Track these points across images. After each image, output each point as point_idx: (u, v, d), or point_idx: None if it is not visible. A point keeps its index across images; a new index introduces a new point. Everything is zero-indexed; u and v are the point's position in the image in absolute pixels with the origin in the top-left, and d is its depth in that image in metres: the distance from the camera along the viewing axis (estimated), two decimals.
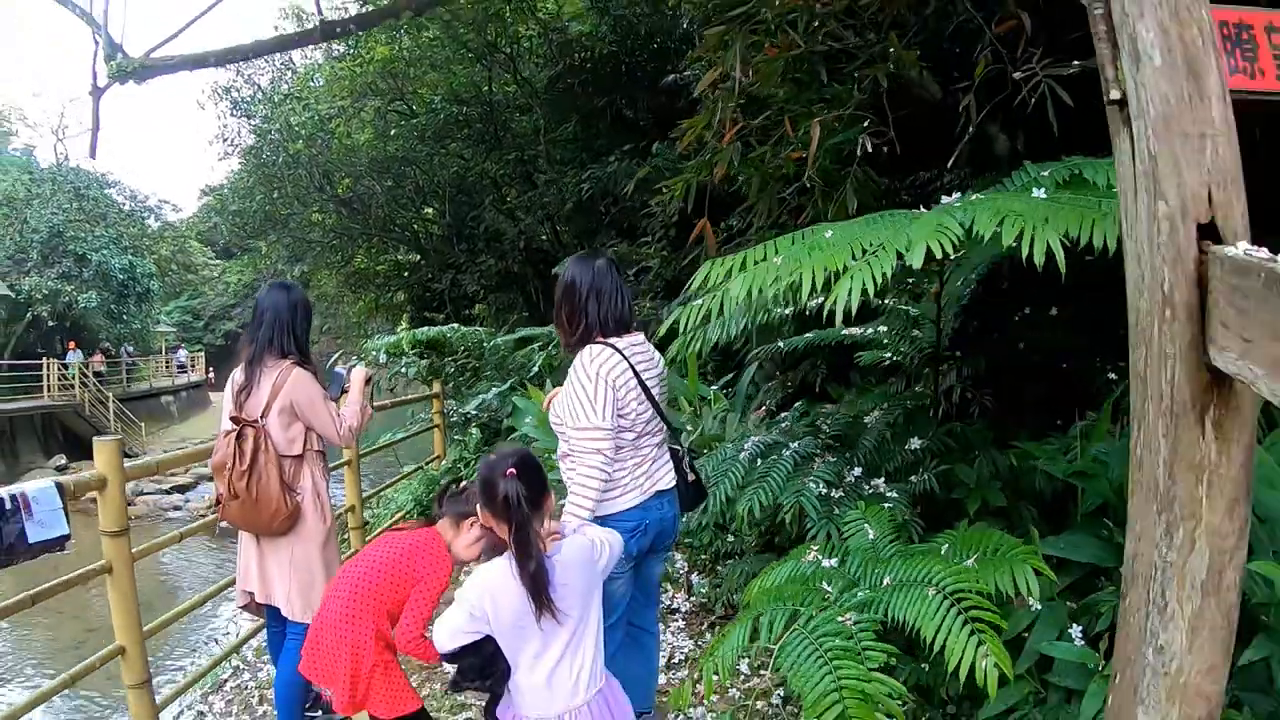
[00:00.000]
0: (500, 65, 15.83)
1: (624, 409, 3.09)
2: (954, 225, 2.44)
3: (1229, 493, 1.64)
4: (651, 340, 3.44)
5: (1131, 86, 1.64)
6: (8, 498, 3.26)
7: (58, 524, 3.39)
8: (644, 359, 3.21)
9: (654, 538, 3.24)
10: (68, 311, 33.88)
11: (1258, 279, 1.37)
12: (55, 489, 3.43)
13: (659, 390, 3.26)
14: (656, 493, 3.21)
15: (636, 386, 3.12)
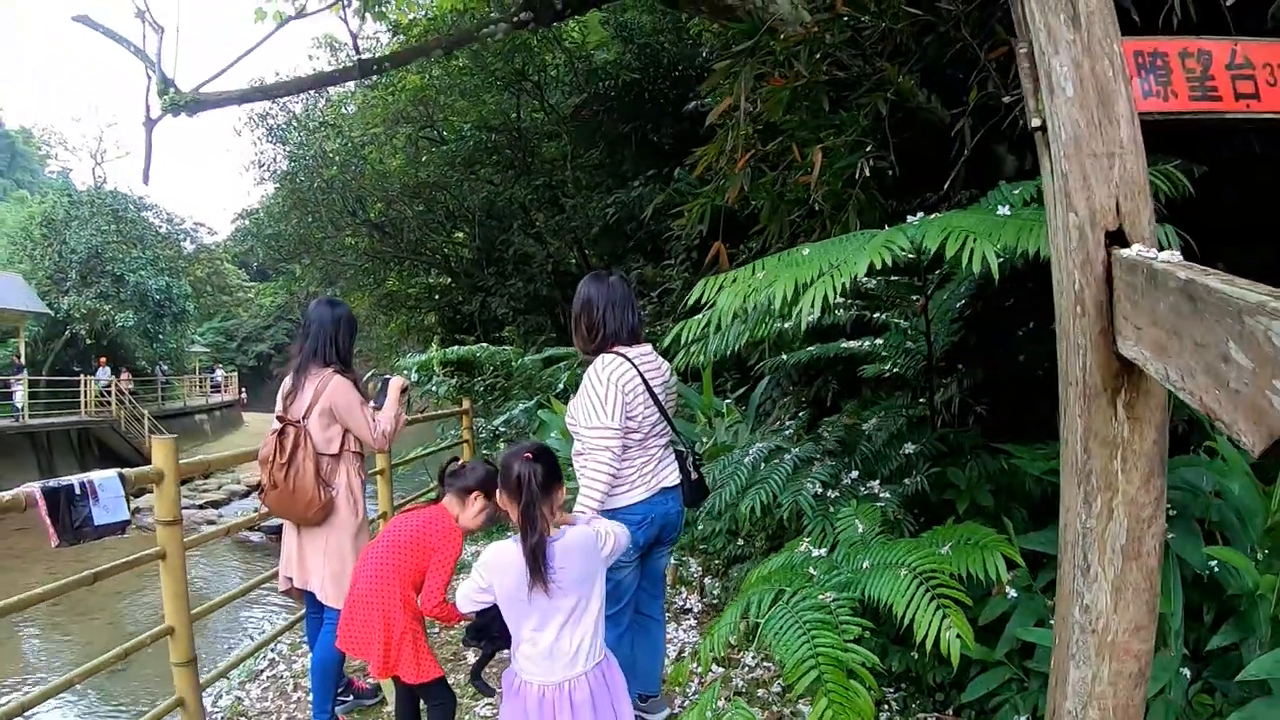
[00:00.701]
0: (528, 93, 16.19)
1: (631, 412, 3.42)
2: (903, 241, 2.70)
3: (1143, 467, 1.87)
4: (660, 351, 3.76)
5: (1048, 114, 1.90)
6: (77, 484, 3.61)
7: (120, 510, 3.73)
8: (652, 367, 3.54)
9: (659, 530, 3.56)
10: (105, 330, 34.53)
11: (1142, 275, 1.61)
12: (119, 478, 3.78)
13: (666, 396, 3.60)
14: (662, 489, 3.54)
15: (644, 392, 3.46)
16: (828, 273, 2.66)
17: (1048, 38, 1.90)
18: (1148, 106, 1.99)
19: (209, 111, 6.09)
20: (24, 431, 25.17)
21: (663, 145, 13.01)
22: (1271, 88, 2.08)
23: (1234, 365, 1.23)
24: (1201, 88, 2.06)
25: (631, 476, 3.51)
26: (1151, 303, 1.56)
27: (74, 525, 3.56)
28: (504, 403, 11.57)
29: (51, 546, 3.58)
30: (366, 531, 4.15)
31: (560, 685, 2.76)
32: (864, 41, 5.02)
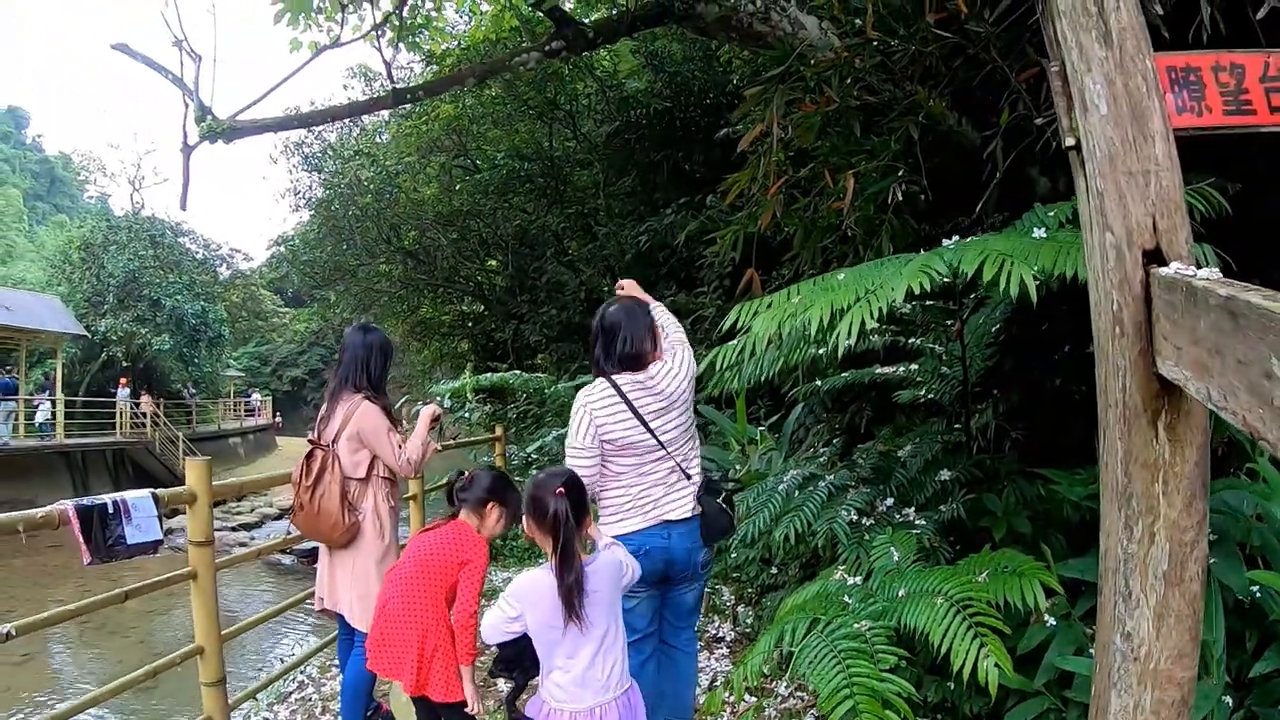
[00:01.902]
0: (560, 122, 16.28)
1: (608, 435, 3.42)
2: (940, 265, 2.68)
3: (1185, 489, 1.83)
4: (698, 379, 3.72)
5: (1082, 133, 1.88)
6: (111, 503, 3.68)
7: (153, 529, 3.79)
8: (644, 391, 3.45)
9: (664, 566, 3.44)
10: (141, 353, 35.07)
11: (1182, 293, 1.58)
12: (152, 498, 3.85)
13: (669, 420, 3.47)
14: (663, 521, 3.43)
15: (624, 415, 3.41)
16: (864, 298, 2.64)
17: (1080, 56, 1.89)
18: (1182, 122, 1.97)
19: (246, 139, 6.17)
20: (60, 451, 25.61)
21: (694, 173, 13.04)
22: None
23: (1278, 382, 1.20)
24: (1235, 101, 2.03)
25: (625, 505, 3.46)
26: (1192, 321, 1.53)
27: (106, 544, 3.62)
28: (537, 430, 11.58)
29: (84, 564, 3.65)
30: (394, 555, 4.17)
31: (591, 711, 2.79)
32: (894, 65, 5.00)
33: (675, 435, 3.48)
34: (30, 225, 60.29)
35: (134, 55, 6.57)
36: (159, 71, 6.37)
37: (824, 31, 5.87)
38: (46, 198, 72.23)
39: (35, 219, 63.52)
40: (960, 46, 4.73)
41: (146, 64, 6.46)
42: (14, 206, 58.96)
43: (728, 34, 6.39)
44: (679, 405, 3.49)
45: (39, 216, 65.02)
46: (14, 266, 45.98)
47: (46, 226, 59.50)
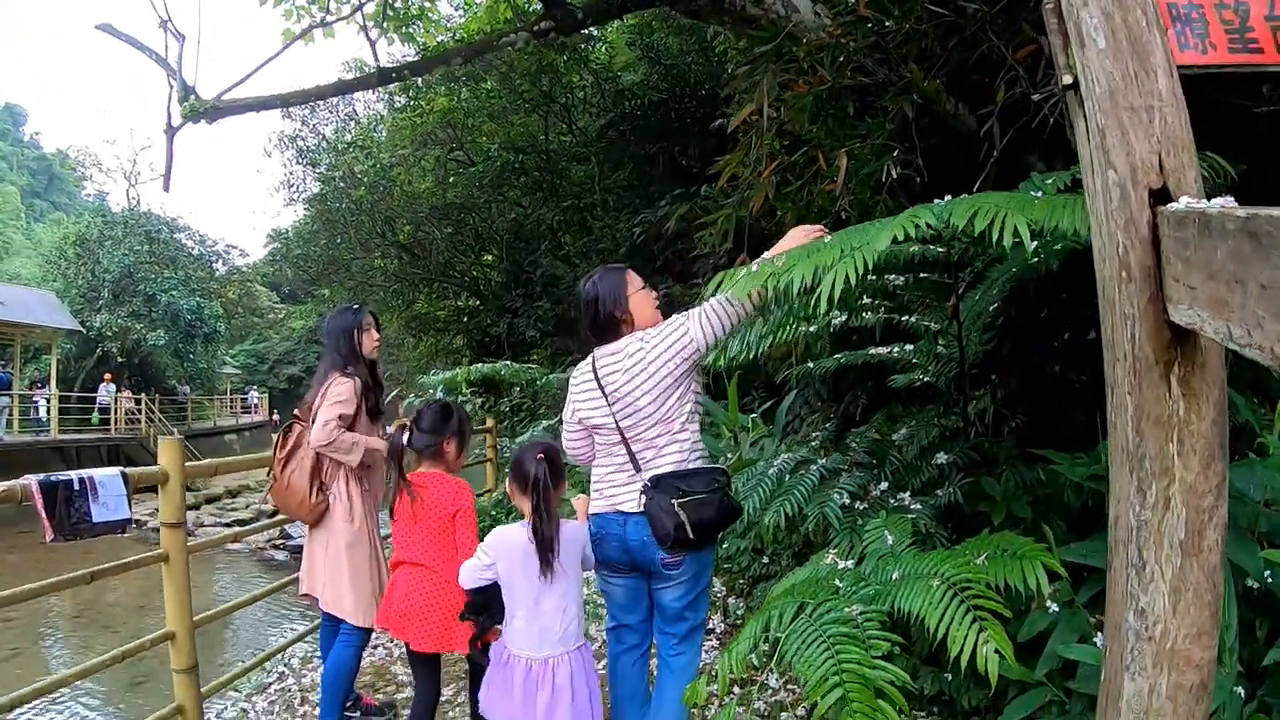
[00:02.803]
0: (555, 115, 16.23)
1: (581, 414, 3.36)
2: (928, 217, 2.54)
3: (1202, 449, 1.67)
4: None
5: (1080, 69, 1.74)
6: (76, 480, 3.64)
7: (121, 508, 3.77)
8: (613, 367, 3.28)
9: (623, 554, 3.29)
10: (136, 349, 35.07)
11: (1193, 226, 1.44)
12: (120, 476, 3.83)
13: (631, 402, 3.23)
14: (618, 510, 3.27)
15: (595, 395, 3.28)
16: (849, 254, 2.50)
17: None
18: (1185, 59, 1.83)
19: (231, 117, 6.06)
20: (53, 446, 25.54)
21: (690, 165, 12.96)
22: None
23: None
24: (1241, 39, 1.90)
25: (595, 485, 3.39)
26: (1207, 254, 1.39)
27: (71, 521, 3.57)
28: (530, 422, 11.48)
29: (46, 540, 3.56)
30: (367, 543, 4.18)
31: (545, 660, 3.15)
32: (888, 45, 4.89)
33: (636, 422, 3.23)
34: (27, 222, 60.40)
35: (118, 35, 6.46)
36: (143, 51, 6.27)
37: (817, 15, 5.76)
38: (44, 195, 72.38)
39: (32, 216, 63.64)
40: (956, 26, 4.62)
41: (130, 43, 6.36)
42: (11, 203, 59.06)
43: (720, 18, 6.28)
44: (642, 388, 3.21)
45: (36, 214, 65.14)
46: (10, 263, 45.99)
47: (43, 223, 59.56)
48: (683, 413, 3.26)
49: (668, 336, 3.22)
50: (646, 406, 3.21)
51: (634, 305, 3.35)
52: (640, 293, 3.39)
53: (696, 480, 3.19)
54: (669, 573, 3.25)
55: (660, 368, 3.19)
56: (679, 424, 3.25)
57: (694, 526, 3.10)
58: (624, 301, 3.33)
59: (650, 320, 3.37)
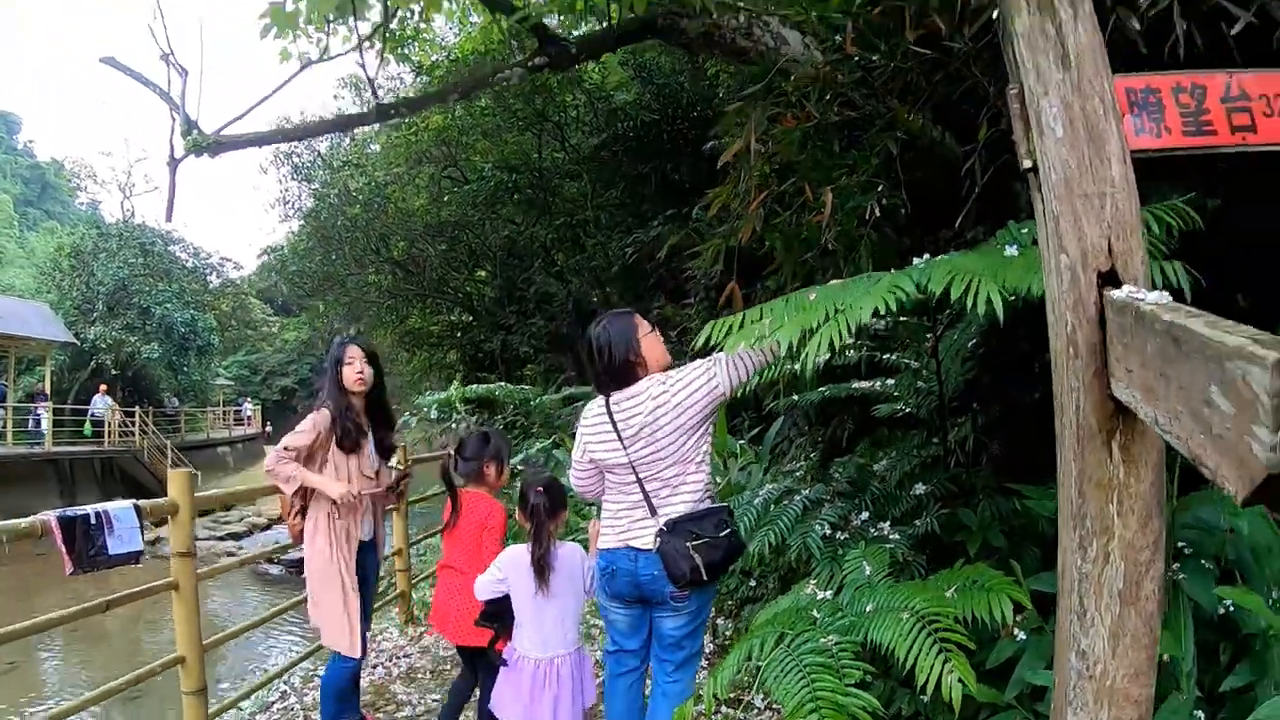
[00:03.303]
0: (549, 133, 16.33)
1: (595, 454, 3.48)
2: (908, 285, 2.69)
3: (1140, 509, 1.84)
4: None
5: (1039, 156, 1.90)
6: (93, 514, 3.79)
7: (134, 540, 3.92)
8: (625, 411, 3.37)
9: (633, 588, 3.42)
10: (130, 361, 35.00)
11: (1131, 316, 1.60)
12: (134, 509, 3.96)
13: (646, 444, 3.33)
14: (629, 546, 3.38)
15: (609, 436, 3.38)
16: (833, 318, 2.65)
17: (1037, 79, 1.90)
18: (1140, 144, 1.98)
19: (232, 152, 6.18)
20: (48, 459, 25.52)
21: (681, 184, 13.08)
22: (1268, 118, 2.05)
23: (1216, 410, 1.22)
24: (1195, 122, 2.04)
25: (607, 521, 3.51)
26: (1140, 344, 1.55)
27: (89, 554, 3.72)
28: (524, 440, 11.60)
29: (66, 574, 3.74)
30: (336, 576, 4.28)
31: (551, 660, 3.69)
32: (874, 81, 5.03)
33: (652, 461, 3.33)
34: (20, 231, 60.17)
35: (122, 69, 6.58)
36: (146, 85, 6.38)
37: (807, 47, 5.90)
38: (37, 204, 72.09)
39: (26, 225, 63.40)
40: (940, 62, 4.76)
41: (134, 78, 6.47)
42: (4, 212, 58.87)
43: (711, 49, 6.42)
44: (664, 429, 3.30)
45: (30, 223, 64.90)
46: (4, 273, 45.84)
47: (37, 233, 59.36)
48: (699, 452, 3.37)
49: (694, 380, 3.32)
50: (667, 447, 3.31)
51: (645, 348, 3.44)
52: (650, 335, 3.49)
53: (707, 522, 3.30)
54: (675, 604, 3.39)
55: (685, 410, 3.29)
56: (694, 464, 3.36)
57: (706, 568, 3.22)
58: (636, 345, 3.43)
59: (661, 361, 3.48)
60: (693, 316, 10.43)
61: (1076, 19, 1.94)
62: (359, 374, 4.35)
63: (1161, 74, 2.07)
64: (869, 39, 4.99)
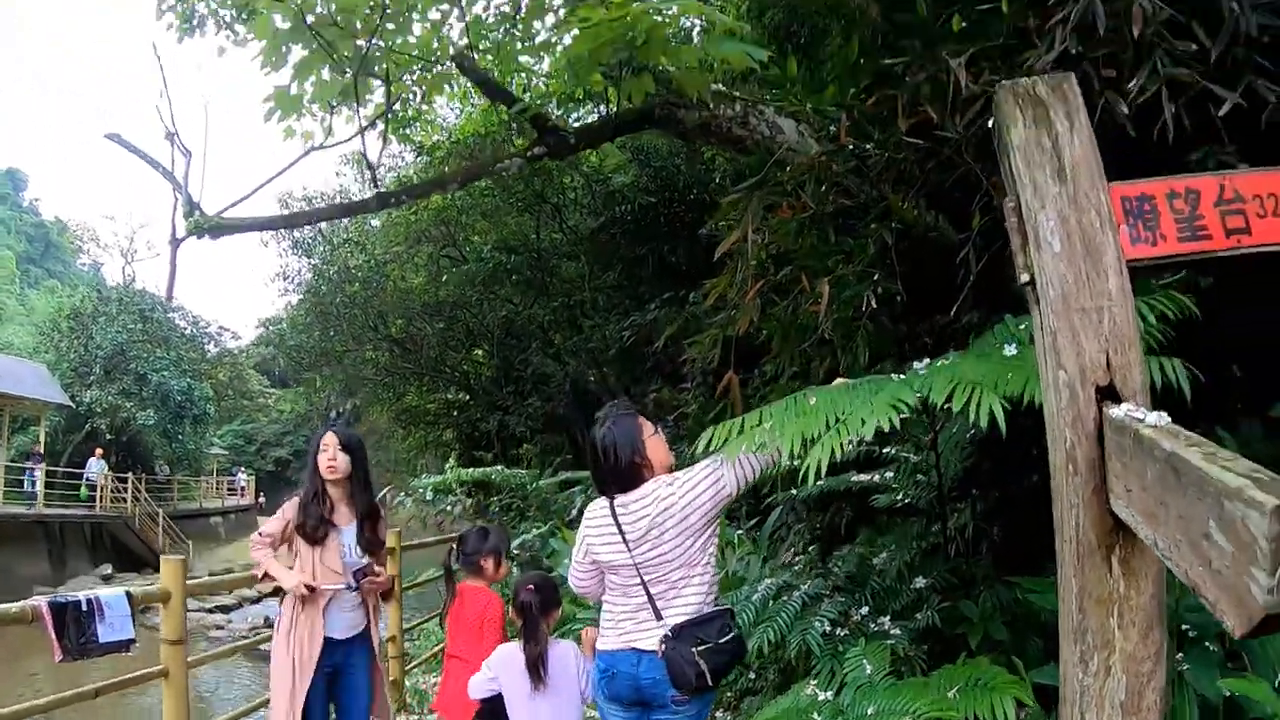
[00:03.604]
0: (547, 215, 16.49)
1: (597, 554, 3.41)
2: (909, 396, 2.70)
3: (1141, 622, 1.82)
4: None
5: (1036, 270, 1.91)
6: (84, 600, 3.75)
7: (126, 628, 3.88)
8: (630, 514, 3.32)
9: (632, 691, 3.34)
10: (125, 427, 34.80)
11: (1130, 437, 1.60)
12: (126, 597, 3.92)
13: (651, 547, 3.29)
14: (633, 648, 3.31)
15: (614, 538, 3.32)
16: (834, 427, 2.65)
17: (1034, 193, 1.92)
18: (1136, 253, 1.99)
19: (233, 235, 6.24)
20: (38, 520, 25.25)
21: (679, 267, 13.17)
22: (1262, 219, 2.05)
23: (1215, 546, 1.22)
24: (1190, 228, 2.04)
25: (607, 622, 3.44)
26: (1140, 467, 1.54)
27: (79, 642, 3.69)
28: (520, 523, 11.52)
29: (55, 660, 3.70)
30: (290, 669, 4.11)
31: None
32: (869, 169, 5.10)
33: (657, 564, 3.28)
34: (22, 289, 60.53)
35: (127, 146, 6.68)
36: (150, 164, 6.47)
37: (802, 135, 6.00)
38: (39, 262, 72.66)
39: (27, 283, 63.80)
40: (933, 150, 4.83)
41: (139, 156, 6.57)
42: (6, 269, 59.28)
43: (708, 139, 6.53)
44: (670, 531, 3.26)
45: (31, 280, 65.33)
46: (3, 330, 46.01)
47: (38, 291, 59.70)
48: (706, 555, 3.32)
49: (701, 481, 3.27)
50: (673, 550, 3.26)
51: (650, 450, 3.40)
52: (655, 436, 3.45)
53: (712, 627, 3.24)
54: (676, 707, 3.30)
55: (692, 512, 3.24)
56: (700, 566, 3.30)
57: (711, 674, 3.16)
58: (641, 446, 3.38)
59: (665, 462, 3.44)
60: (690, 401, 10.42)
61: (1073, 130, 1.97)
62: (330, 461, 4.26)
63: (1155, 180, 2.08)
64: (863, 128, 5.08)
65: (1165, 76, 3.24)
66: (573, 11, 4.87)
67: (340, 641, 4.23)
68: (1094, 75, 3.34)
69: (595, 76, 5.74)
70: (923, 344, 5.27)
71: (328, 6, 4.85)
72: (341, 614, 4.25)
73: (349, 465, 4.29)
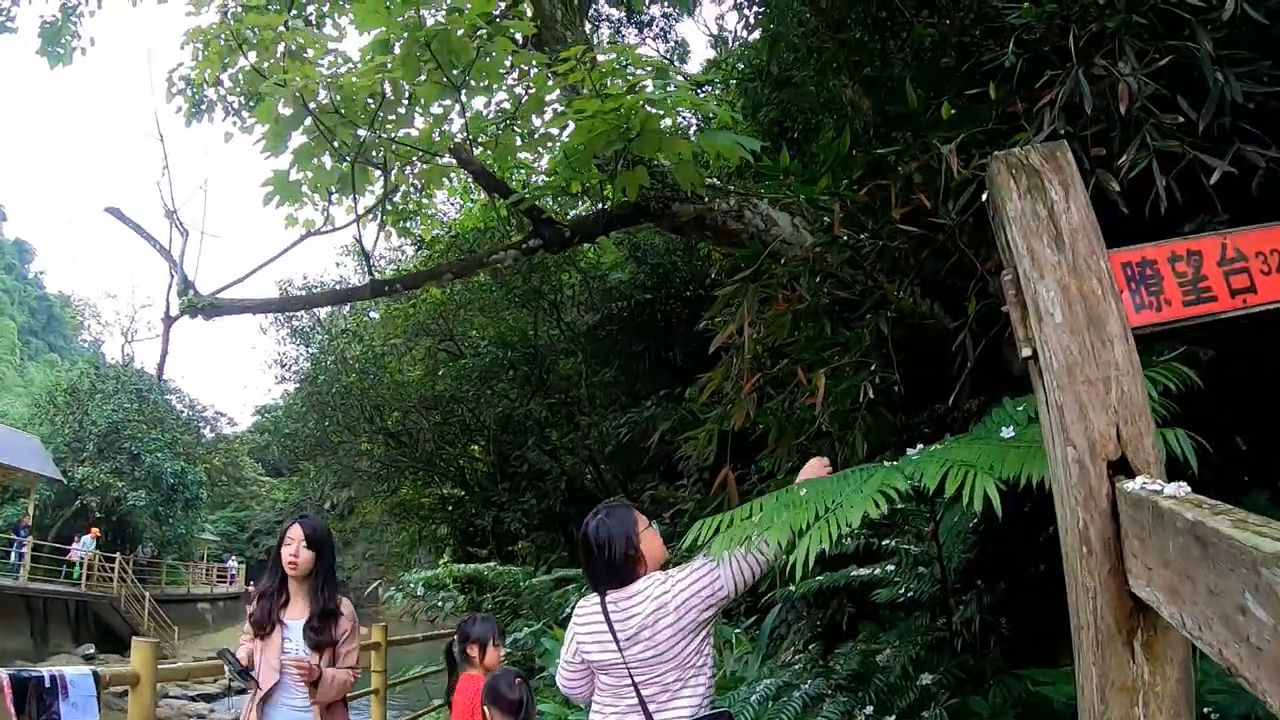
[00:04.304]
0: (544, 311, 16.56)
1: (588, 655, 3.22)
2: (900, 482, 2.60)
3: (1169, 709, 1.69)
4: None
5: (1038, 343, 1.84)
6: (47, 676, 3.59)
7: (90, 710, 3.68)
8: (621, 612, 3.18)
9: None
10: (116, 506, 34.56)
11: (1148, 511, 1.50)
12: (92, 676, 3.77)
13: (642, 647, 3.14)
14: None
15: (604, 637, 3.17)
16: (823, 517, 2.55)
17: (1032, 263, 1.86)
18: (1141, 320, 1.92)
19: (227, 317, 6.18)
20: (21, 594, 24.85)
21: (675, 363, 13.15)
22: (1266, 277, 1.98)
23: (1253, 619, 1.11)
24: (1194, 290, 1.97)
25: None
26: (1161, 542, 1.45)
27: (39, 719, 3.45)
28: (513, 620, 11.30)
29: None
30: None
31: None
32: (864, 260, 5.09)
33: (651, 665, 3.12)
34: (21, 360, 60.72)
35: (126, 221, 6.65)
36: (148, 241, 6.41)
37: (796, 228, 6.01)
38: (41, 334, 72.98)
39: (27, 354, 64.03)
40: (927, 238, 4.82)
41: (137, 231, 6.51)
42: (7, 339, 59.53)
43: (702, 232, 6.54)
44: (664, 631, 3.10)
45: (31, 352, 65.63)
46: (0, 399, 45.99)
47: (37, 363, 59.90)
48: (702, 656, 3.16)
49: (698, 580, 3.12)
50: (667, 650, 3.10)
51: (644, 543, 3.26)
52: (648, 530, 3.32)
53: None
54: None
55: (687, 611, 3.08)
56: (696, 668, 3.14)
57: None
58: (636, 540, 3.24)
59: (659, 556, 3.30)
60: (686, 498, 10.28)
61: (1068, 198, 1.92)
62: (292, 557, 4.16)
63: (1155, 245, 2.03)
64: (857, 218, 5.08)
65: (1155, 149, 3.24)
66: (569, 104, 4.92)
67: None
68: (1083, 154, 3.34)
69: (591, 170, 5.78)
70: (921, 433, 5.19)
71: (331, 96, 4.89)
72: (286, 711, 4.09)
73: (312, 561, 4.17)
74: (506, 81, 5.57)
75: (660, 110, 4.80)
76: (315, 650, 4.09)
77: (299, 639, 4.12)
